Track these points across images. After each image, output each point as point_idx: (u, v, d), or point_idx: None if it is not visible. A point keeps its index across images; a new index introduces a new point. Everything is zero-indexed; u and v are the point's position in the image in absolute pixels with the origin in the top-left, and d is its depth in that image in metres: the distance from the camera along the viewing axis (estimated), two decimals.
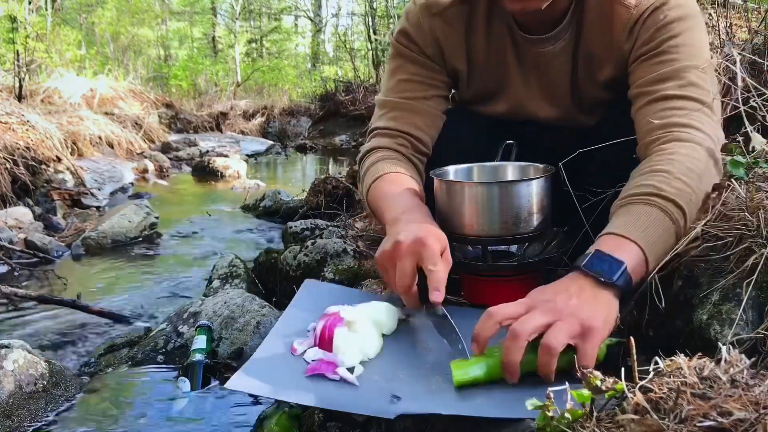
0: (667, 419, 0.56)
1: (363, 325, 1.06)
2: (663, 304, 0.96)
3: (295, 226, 2.52)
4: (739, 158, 1.08)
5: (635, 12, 1.20)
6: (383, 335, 1.08)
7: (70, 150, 4.76)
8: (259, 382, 0.94)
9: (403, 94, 1.36)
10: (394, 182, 1.25)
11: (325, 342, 1.02)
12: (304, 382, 0.95)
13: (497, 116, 1.43)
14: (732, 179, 1.06)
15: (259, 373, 0.96)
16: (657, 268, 0.97)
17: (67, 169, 4.22)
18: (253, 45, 20.85)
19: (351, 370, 0.97)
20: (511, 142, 1.34)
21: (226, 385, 0.93)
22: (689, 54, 1.15)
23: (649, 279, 0.99)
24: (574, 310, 0.87)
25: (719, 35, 2.21)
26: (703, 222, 1.00)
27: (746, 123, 1.08)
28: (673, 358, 0.65)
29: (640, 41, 1.19)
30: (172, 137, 7.68)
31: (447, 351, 0.98)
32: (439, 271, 1.01)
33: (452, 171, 1.33)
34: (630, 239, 0.95)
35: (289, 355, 1.03)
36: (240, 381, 0.94)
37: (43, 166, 3.99)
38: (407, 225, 1.09)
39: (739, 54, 1.43)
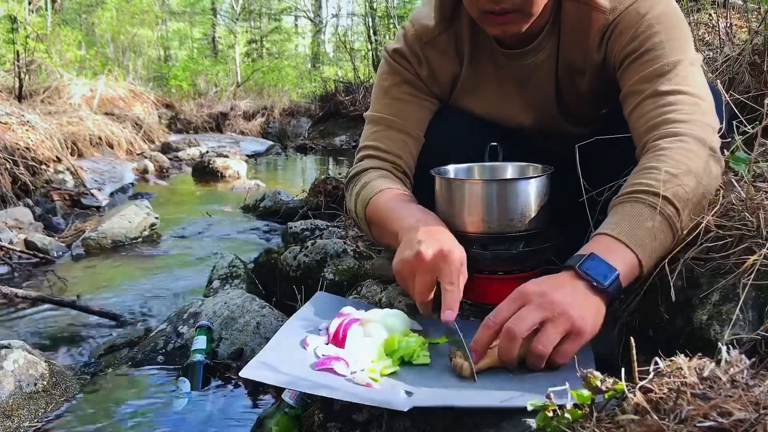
0: (667, 420, 0.56)
1: (376, 328, 1.06)
2: (663, 307, 0.96)
3: (295, 227, 2.51)
4: (741, 154, 1.07)
5: (611, 17, 1.19)
6: None
7: (70, 150, 4.77)
8: (272, 372, 0.95)
9: (399, 114, 1.37)
10: (398, 197, 1.24)
11: (338, 340, 1.04)
12: (315, 375, 0.96)
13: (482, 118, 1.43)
14: (732, 178, 1.05)
15: (272, 364, 0.97)
16: (657, 267, 0.97)
17: (67, 169, 4.22)
18: (254, 45, 20.87)
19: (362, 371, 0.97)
20: (495, 144, 1.35)
21: (240, 374, 0.94)
22: (674, 48, 1.14)
23: (651, 278, 0.99)
24: (567, 309, 0.87)
25: (719, 35, 2.21)
26: (709, 217, 0.99)
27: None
28: (673, 358, 0.65)
29: (622, 44, 1.18)
30: (172, 138, 7.69)
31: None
32: (455, 291, 1.02)
33: (452, 170, 1.33)
34: (622, 242, 0.94)
35: (301, 348, 1.04)
36: (252, 371, 0.94)
37: (43, 167, 3.99)
38: (428, 235, 1.07)
39: (739, 55, 1.43)
